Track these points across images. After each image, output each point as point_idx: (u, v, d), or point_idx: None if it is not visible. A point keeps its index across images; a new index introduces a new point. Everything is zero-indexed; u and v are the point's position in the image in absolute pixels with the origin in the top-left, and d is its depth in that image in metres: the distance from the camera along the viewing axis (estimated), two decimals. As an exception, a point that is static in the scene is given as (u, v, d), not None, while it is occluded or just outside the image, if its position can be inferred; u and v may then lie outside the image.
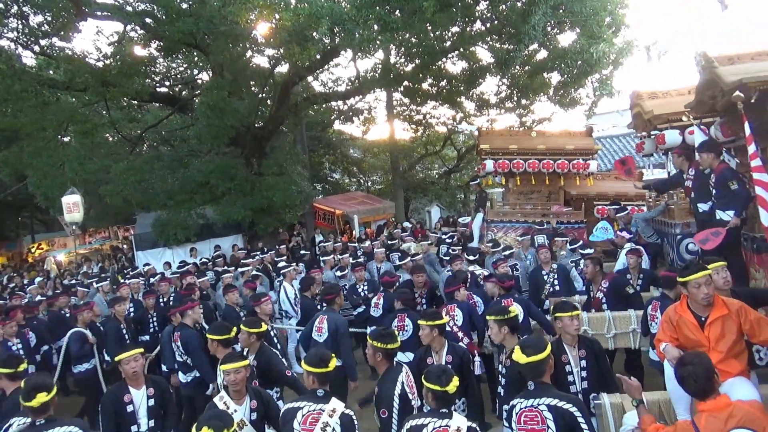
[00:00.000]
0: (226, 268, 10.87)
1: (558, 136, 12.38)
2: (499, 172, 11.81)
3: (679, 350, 3.87)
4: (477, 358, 5.66)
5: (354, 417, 3.63)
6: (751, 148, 4.98)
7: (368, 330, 5.87)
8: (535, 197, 12.28)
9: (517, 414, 3.28)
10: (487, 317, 4.55)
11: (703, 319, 3.83)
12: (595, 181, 12.39)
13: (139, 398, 4.39)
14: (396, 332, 4.56)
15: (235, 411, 3.97)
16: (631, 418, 3.78)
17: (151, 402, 4.41)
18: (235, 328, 5.10)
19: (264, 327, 5.19)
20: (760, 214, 5.01)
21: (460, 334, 5.88)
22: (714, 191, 5.87)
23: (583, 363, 4.27)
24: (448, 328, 5.54)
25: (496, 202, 12.84)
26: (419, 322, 4.88)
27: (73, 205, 12.00)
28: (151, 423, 4.37)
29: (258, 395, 4.09)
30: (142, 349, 4.60)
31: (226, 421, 3.23)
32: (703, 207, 6.24)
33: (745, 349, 3.88)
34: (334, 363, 3.75)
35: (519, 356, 3.39)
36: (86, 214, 25.45)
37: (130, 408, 4.34)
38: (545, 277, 7.89)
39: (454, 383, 3.30)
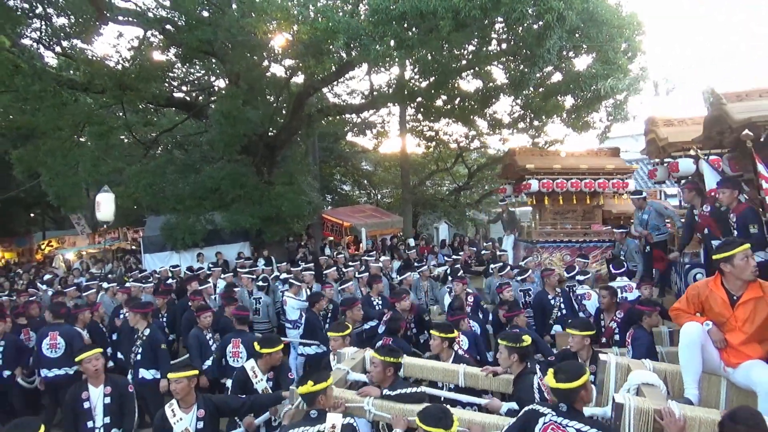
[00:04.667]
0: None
1: (587, 155, 12.37)
2: (543, 191, 11.76)
3: (722, 335, 3.78)
4: None
5: (355, 424, 3.64)
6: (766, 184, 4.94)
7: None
8: (571, 216, 12.25)
9: (544, 423, 3.24)
10: (499, 341, 4.56)
11: (735, 297, 3.78)
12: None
13: (96, 396, 4.68)
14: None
15: (181, 419, 4.15)
16: (637, 376, 3.78)
17: (108, 400, 4.69)
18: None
19: None
20: None
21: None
22: (735, 232, 5.70)
23: (591, 378, 4.40)
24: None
25: (533, 222, 12.71)
26: (432, 332, 5.06)
27: (105, 203, 11.96)
28: (107, 420, 4.64)
29: (207, 404, 4.26)
30: (101, 350, 4.93)
31: (28, 429, 3.25)
32: (717, 244, 6.15)
33: None
34: (321, 386, 3.67)
35: (549, 379, 3.34)
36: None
37: (86, 405, 4.64)
38: (552, 302, 7.86)
39: (455, 424, 3.24)
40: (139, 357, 6.54)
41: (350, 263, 11.44)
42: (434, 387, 4.71)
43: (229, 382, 5.83)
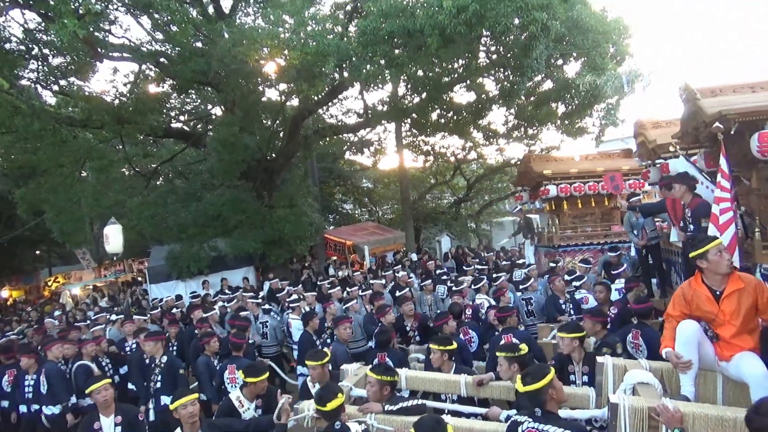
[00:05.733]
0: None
1: (601, 158, 12.47)
2: (561, 196, 11.87)
3: (676, 354, 3.84)
4: None
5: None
6: (723, 181, 5.03)
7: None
8: (589, 219, 12.34)
9: (524, 431, 3.29)
10: (497, 354, 4.60)
11: (718, 292, 3.85)
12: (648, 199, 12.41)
13: (107, 425, 4.76)
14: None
15: None
16: (632, 376, 3.85)
17: (119, 429, 4.77)
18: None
19: None
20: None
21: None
22: (691, 226, 5.96)
23: (585, 378, 4.72)
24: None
25: (554, 227, 12.76)
26: (431, 346, 5.07)
27: (113, 235, 12.03)
28: None
29: (212, 430, 4.33)
30: (110, 380, 5.03)
31: None
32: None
33: (758, 326, 3.89)
34: (340, 400, 3.80)
35: (518, 384, 3.42)
36: (102, 247, 25.94)
37: None
38: (563, 307, 7.93)
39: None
40: (159, 384, 6.57)
41: (372, 281, 11.53)
42: (438, 399, 4.77)
43: None
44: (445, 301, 9.43)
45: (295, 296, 10.17)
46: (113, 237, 11.85)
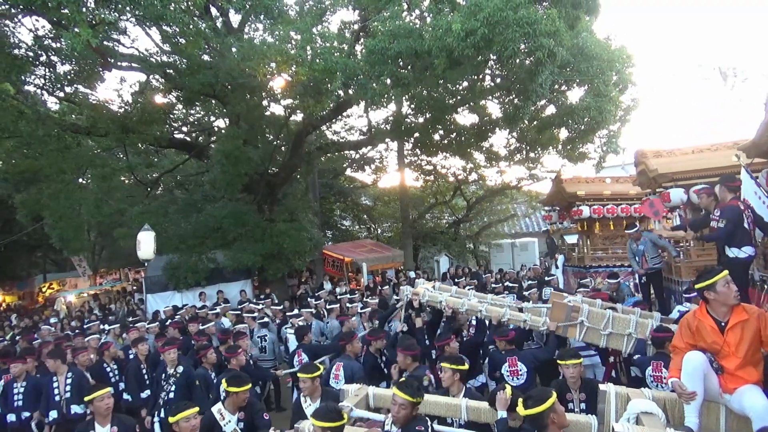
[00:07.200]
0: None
1: (632, 181, 12.52)
2: (594, 217, 11.92)
3: (680, 384, 3.81)
4: None
5: None
6: None
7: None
8: (620, 241, 12.40)
9: None
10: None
11: (723, 324, 3.83)
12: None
13: None
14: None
15: None
16: (636, 405, 3.82)
17: None
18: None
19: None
20: None
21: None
22: (720, 224, 5.88)
23: (583, 405, 4.77)
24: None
25: (585, 248, 12.74)
26: (442, 364, 5.03)
27: (145, 242, 11.91)
28: None
29: None
30: (110, 389, 5.00)
31: None
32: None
33: (762, 358, 3.87)
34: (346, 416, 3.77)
35: (520, 409, 3.42)
36: (98, 254, 25.85)
37: None
38: None
39: None
40: (171, 395, 6.47)
41: (395, 297, 11.53)
42: (443, 423, 4.71)
43: None
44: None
45: (293, 311, 10.18)
46: (145, 243, 11.78)
